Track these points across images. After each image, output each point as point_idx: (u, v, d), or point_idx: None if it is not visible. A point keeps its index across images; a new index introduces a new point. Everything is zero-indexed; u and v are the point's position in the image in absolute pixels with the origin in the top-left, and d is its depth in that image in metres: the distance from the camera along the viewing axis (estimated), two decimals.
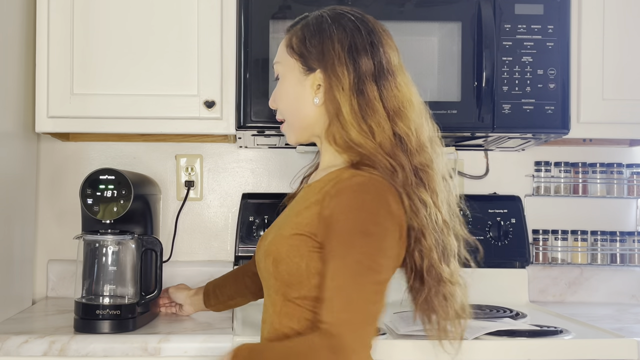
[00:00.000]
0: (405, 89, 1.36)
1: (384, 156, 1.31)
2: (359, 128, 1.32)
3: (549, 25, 1.95)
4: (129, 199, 1.80)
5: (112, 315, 1.75)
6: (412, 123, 1.34)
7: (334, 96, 1.34)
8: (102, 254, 1.81)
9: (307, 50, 1.38)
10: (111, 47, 1.99)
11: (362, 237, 1.24)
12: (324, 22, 1.39)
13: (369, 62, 1.34)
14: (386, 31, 1.41)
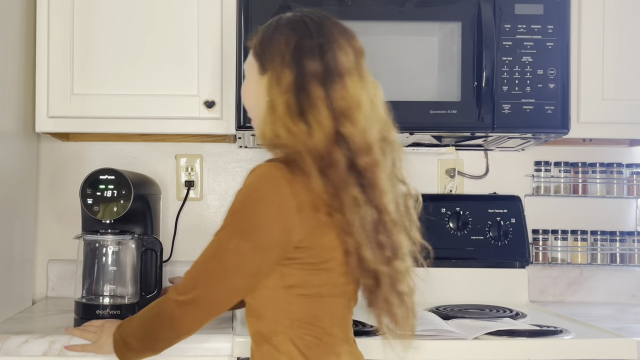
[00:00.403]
0: (354, 91, 1.37)
1: (310, 155, 1.33)
2: (289, 126, 1.35)
3: (549, 25, 1.95)
4: (129, 199, 1.80)
5: (112, 315, 1.75)
6: (358, 124, 1.35)
7: (273, 93, 1.38)
8: (102, 254, 1.81)
9: (262, 51, 1.42)
10: (111, 47, 1.99)
11: (232, 215, 1.35)
12: (279, 24, 1.42)
13: (316, 63, 1.36)
14: (345, 34, 1.42)
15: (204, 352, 1.67)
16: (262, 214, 1.33)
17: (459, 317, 1.89)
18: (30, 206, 2.16)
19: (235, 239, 1.34)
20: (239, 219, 1.35)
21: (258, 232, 1.33)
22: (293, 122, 1.34)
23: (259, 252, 1.34)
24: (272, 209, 1.32)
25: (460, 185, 2.37)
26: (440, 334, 1.70)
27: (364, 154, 1.35)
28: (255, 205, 1.33)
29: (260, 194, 1.33)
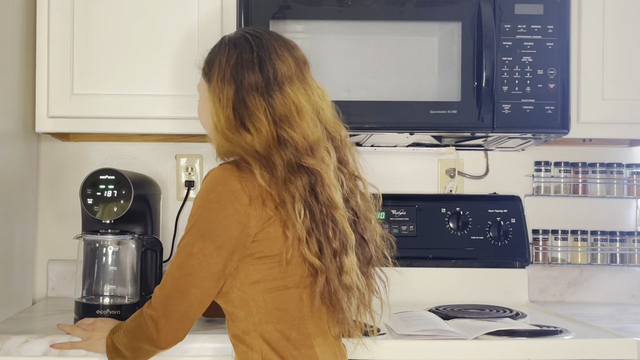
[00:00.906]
0: (294, 97, 1.44)
1: (252, 157, 1.41)
2: (229, 135, 1.43)
3: (549, 25, 1.95)
4: (129, 199, 1.80)
5: (112, 315, 1.75)
6: (298, 128, 1.42)
7: (214, 106, 1.46)
8: (103, 254, 1.81)
9: (208, 69, 1.51)
10: (111, 47, 1.99)
11: (191, 219, 1.41)
12: (222, 43, 1.51)
13: (255, 76, 1.44)
14: (286, 46, 1.49)
15: (204, 352, 1.67)
16: (220, 213, 1.38)
17: (459, 317, 1.89)
18: (30, 206, 2.16)
19: (199, 242, 1.39)
20: (200, 222, 1.40)
21: (219, 232, 1.38)
22: (232, 131, 1.43)
23: (222, 252, 1.39)
24: (228, 206, 1.38)
25: (460, 185, 2.37)
26: (440, 334, 1.70)
27: (307, 154, 1.41)
28: (213, 206, 1.39)
29: (215, 194, 1.39)
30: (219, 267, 1.39)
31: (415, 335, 1.69)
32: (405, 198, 2.28)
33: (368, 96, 1.93)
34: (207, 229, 1.39)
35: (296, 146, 1.41)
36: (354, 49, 1.93)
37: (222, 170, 1.41)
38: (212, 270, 1.39)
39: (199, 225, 1.40)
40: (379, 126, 1.95)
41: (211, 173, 1.42)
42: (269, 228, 1.40)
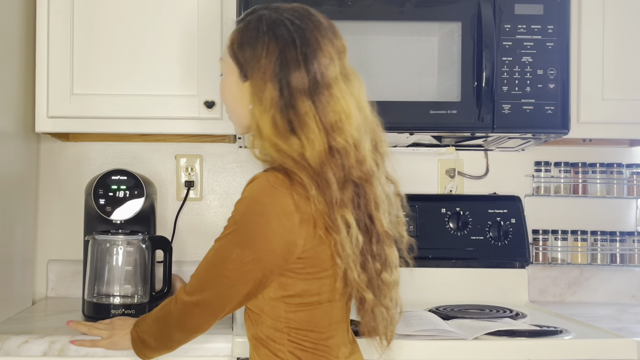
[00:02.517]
0: (343, 102, 1.32)
1: (305, 171, 1.30)
2: (280, 145, 1.31)
3: (548, 25, 1.95)
4: (141, 200, 1.81)
5: (125, 314, 1.75)
6: (349, 137, 1.31)
7: (259, 108, 1.33)
8: (113, 254, 1.81)
9: (243, 58, 1.36)
10: (111, 47, 1.99)
11: (232, 221, 1.33)
12: (260, 28, 1.34)
13: (301, 76, 1.31)
14: (327, 35, 1.36)
15: (204, 352, 1.67)
16: (264, 226, 1.30)
17: (459, 317, 1.89)
18: (30, 206, 2.16)
19: (237, 250, 1.32)
20: (241, 230, 1.32)
21: (260, 245, 1.31)
22: (282, 140, 1.31)
23: (261, 263, 1.32)
24: (275, 222, 1.29)
25: (460, 185, 2.37)
26: (440, 334, 1.70)
27: (357, 167, 1.31)
28: (257, 218, 1.30)
29: (261, 207, 1.30)
30: (256, 277, 1.32)
31: (415, 335, 1.69)
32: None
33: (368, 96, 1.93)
34: (248, 239, 1.31)
35: (347, 158, 1.31)
36: (354, 49, 1.93)
37: (272, 182, 1.30)
38: (249, 278, 1.33)
39: (239, 232, 1.32)
40: None
41: (259, 181, 1.32)
42: (318, 248, 1.32)
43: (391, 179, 1.40)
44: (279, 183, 1.30)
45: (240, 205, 1.33)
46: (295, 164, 1.30)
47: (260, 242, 1.31)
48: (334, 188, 1.29)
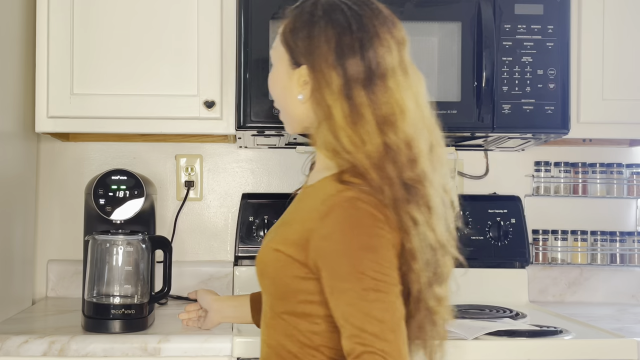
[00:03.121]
0: (397, 95, 1.24)
1: (372, 169, 1.21)
2: (349, 136, 1.22)
3: (548, 25, 1.95)
4: (141, 200, 1.81)
5: (125, 314, 1.75)
6: (402, 133, 1.22)
7: (323, 98, 1.24)
8: (113, 254, 1.81)
9: (295, 44, 1.28)
10: (111, 47, 1.99)
11: (367, 253, 1.17)
12: (315, 13, 1.27)
13: (356, 64, 1.23)
14: (386, 24, 1.27)
15: (204, 352, 1.67)
16: (388, 259, 1.18)
17: (459, 317, 1.89)
18: (30, 206, 2.16)
19: (386, 271, 1.18)
20: (373, 270, 1.17)
21: (393, 279, 1.19)
22: (352, 131, 1.22)
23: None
24: (391, 251, 1.19)
25: (460, 185, 2.37)
26: None
27: (410, 167, 1.22)
28: (388, 249, 1.18)
29: (383, 234, 1.18)
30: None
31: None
32: None
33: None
34: (384, 274, 1.17)
35: (399, 155, 1.21)
36: None
37: (368, 199, 1.19)
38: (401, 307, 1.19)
39: (372, 270, 1.16)
40: None
41: (355, 200, 1.19)
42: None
43: (446, 188, 1.28)
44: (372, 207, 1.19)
45: (345, 235, 1.19)
46: (365, 159, 1.21)
47: (392, 274, 1.19)
48: (396, 184, 1.20)
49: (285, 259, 1.25)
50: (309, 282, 1.24)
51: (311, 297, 1.24)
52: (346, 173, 1.24)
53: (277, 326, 1.30)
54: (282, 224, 1.35)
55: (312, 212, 1.23)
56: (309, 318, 1.25)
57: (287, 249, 1.25)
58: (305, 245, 1.22)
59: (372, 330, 1.14)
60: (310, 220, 1.22)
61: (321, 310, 1.24)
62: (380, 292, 1.16)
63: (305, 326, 1.26)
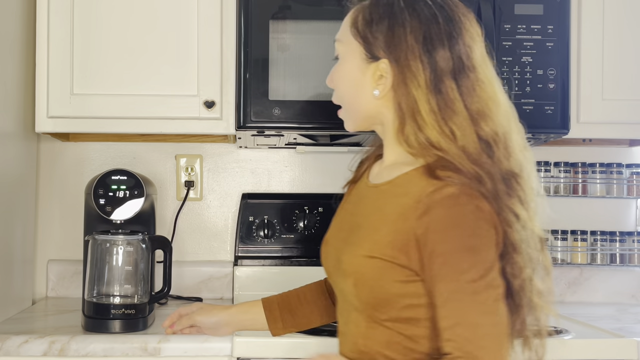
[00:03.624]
0: (489, 87, 1.21)
1: (469, 163, 1.17)
2: (439, 129, 1.19)
3: (548, 25, 1.95)
4: (141, 200, 1.81)
5: (125, 314, 1.75)
6: (498, 126, 1.20)
7: (409, 92, 1.20)
8: (113, 254, 1.81)
9: (373, 36, 1.23)
10: (111, 47, 1.99)
11: (469, 255, 1.14)
12: (395, 4, 1.23)
13: (447, 56, 1.19)
14: (468, 16, 1.24)
15: (204, 352, 1.67)
16: (489, 260, 1.15)
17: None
18: (30, 206, 2.16)
19: (490, 273, 1.15)
20: (472, 272, 1.14)
21: (493, 281, 1.16)
22: (439, 126, 1.18)
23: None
24: (493, 250, 1.16)
25: None
26: None
27: (507, 160, 1.20)
28: (489, 249, 1.16)
29: (485, 234, 1.16)
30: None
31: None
32: None
33: None
34: (488, 276, 1.15)
35: (496, 150, 1.19)
36: None
37: (470, 194, 1.15)
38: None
39: (476, 272, 1.14)
40: None
41: (457, 197, 1.15)
42: None
43: (536, 180, 1.26)
44: (479, 201, 1.16)
45: (457, 230, 1.16)
46: (460, 155, 1.17)
47: (495, 270, 1.17)
48: (496, 178, 1.17)
49: (384, 265, 1.20)
50: (412, 285, 1.20)
51: (416, 301, 1.20)
52: (437, 168, 1.19)
53: (375, 336, 1.24)
54: (357, 227, 1.28)
55: (406, 210, 1.19)
56: (415, 322, 1.21)
57: (384, 254, 1.20)
58: (404, 247, 1.18)
59: (466, 335, 1.12)
60: (405, 220, 1.18)
61: (429, 312, 1.20)
62: (480, 294, 1.13)
63: (411, 331, 1.22)
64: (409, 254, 1.18)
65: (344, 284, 1.27)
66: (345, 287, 1.27)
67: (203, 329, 1.62)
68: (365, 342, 1.25)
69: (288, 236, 2.25)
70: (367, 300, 1.24)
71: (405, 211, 1.19)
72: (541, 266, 1.23)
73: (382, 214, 1.24)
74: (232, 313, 1.60)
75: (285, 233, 2.25)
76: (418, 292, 1.20)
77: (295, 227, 2.25)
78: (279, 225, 2.25)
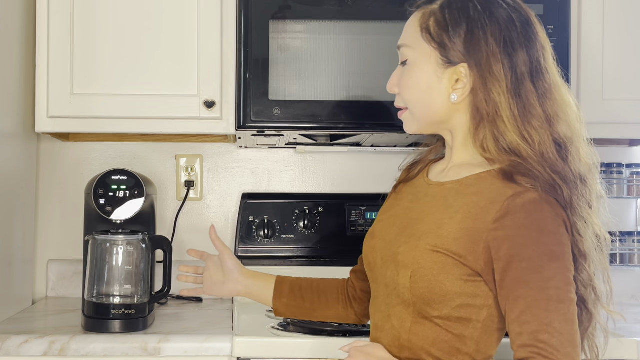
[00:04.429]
0: (563, 89, 1.25)
1: (546, 169, 1.19)
2: (520, 135, 1.20)
3: (549, 25, 1.95)
4: (141, 200, 1.81)
5: (125, 314, 1.75)
6: (571, 129, 1.22)
7: (491, 98, 1.20)
8: (113, 254, 1.81)
9: (451, 41, 1.23)
10: (111, 47, 1.99)
11: (552, 262, 1.14)
12: (471, 8, 1.22)
13: (526, 59, 1.21)
14: (537, 19, 1.26)
15: (204, 352, 1.67)
16: (570, 269, 1.17)
17: None
18: (30, 206, 2.16)
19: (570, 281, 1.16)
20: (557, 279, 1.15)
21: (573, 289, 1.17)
22: (519, 131, 1.20)
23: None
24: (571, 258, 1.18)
25: None
26: None
27: (577, 162, 1.22)
28: (570, 257, 1.17)
29: (566, 242, 1.17)
30: None
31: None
32: None
33: (368, 96, 1.93)
34: (568, 284, 1.15)
35: (570, 154, 1.21)
36: (354, 49, 1.93)
37: (550, 202, 1.16)
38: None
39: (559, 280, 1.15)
40: (379, 126, 1.94)
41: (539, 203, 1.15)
42: None
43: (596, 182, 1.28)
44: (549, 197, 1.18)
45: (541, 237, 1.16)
46: (537, 160, 1.19)
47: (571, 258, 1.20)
48: (571, 184, 1.19)
49: (446, 260, 1.20)
50: (471, 285, 1.20)
51: (472, 301, 1.21)
52: (514, 173, 1.19)
53: (422, 332, 1.24)
54: (415, 222, 1.28)
55: (478, 210, 1.19)
56: (467, 322, 1.22)
57: (448, 250, 1.20)
58: (472, 247, 1.18)
59: (551, 342, 1.12)
60: (477, 220, 1.19)
61: (481, 314, 1.21)
62: (563, 302, 1.14)
63: (460, 330, 1.22)
64: (476, 254, 1.18)
65: (397, 276, 1.25)
66: (398, 279, 1.25)
67: (211, 279, 1.58)
68: (410, 338, 1.25)
69: (288, 236, 2.25)
70: (421, 294, 1.22)
71: (477, 211, 1.19)
72: (601, 269, 1.24)
73: (449, 210, 1.23)
74: (247, 273, 1.57)
75: (285, 233, 2.25)
76: (475, 292, 1.20)
77: (295, 227, 2.25)
78: (279, 225, 2.25)
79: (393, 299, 1.27)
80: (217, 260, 1.59)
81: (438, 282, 1.20)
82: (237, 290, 1.57)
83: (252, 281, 1.56)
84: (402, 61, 1.31)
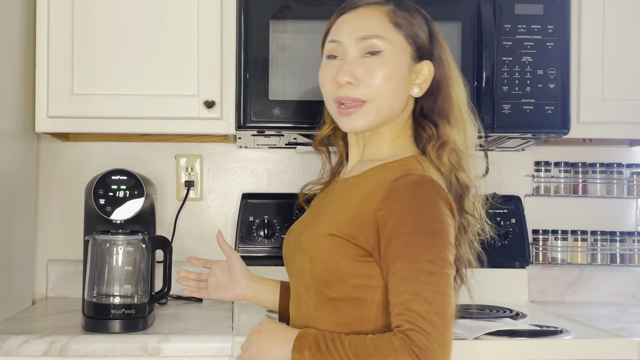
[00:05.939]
0: (463, 91, 1.41)
1: (449, 157, 1.34)
2: (461, 130, 1.37)
3: (549, 25, 1.95)
4: (141, 200, 1.81)
5: (125, 314, 1.75)
6: (462, 125, 1.38)
7: (446, 94, 1.36)
8: (113, 254, 1.81)
9: (420, 39, 1.35)
10: (111, 47, 1.99)
11: (428, 237, 1.21)
12: (418, 10, 1.38)
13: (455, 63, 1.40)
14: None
15: (204, 352, 1.67)
16: (449, 240, 1.25)
17: (459, 317, 1.89)
18: (30, 206, 2.16)
19: (445, 256, 1.23)
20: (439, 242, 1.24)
21: (448, 264, 1.24)
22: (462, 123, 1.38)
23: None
24: (451, 234, 1.26)
25: None
26: None
27: (467, 156, 1.38)
28: (448, 234, 1.24)
29: (445, 219, 1.24)
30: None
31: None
32: None
33: None
34: (443, 259, 1.22)
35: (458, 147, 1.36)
36: None
37: (432, 182, 1.25)
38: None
39: (433, 254, 1.21)
40: None
41: (420, 183, 1.24)
42: None
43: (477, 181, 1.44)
44: (432, 178, 1.30)
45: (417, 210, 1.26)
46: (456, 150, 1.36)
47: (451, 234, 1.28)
48: (456, 181, 1.35)
49: (340, 242, 1.27)
50: (365, 265, 1.26)
51: (366, 282, 1.27)
52: (410, 162, 1.31)
53: (324, 316, 1.30)
54: (321, 213, 1.36)
55: (368, 195, 1.27)
56: (362, 303, 1.27)
57: (342, 232, 1.27)
58: (363, 227, 1.26)
59: (418, 310, 1.18)
60: (367, 203, 1.26)
61: (376, 295, 1.27)
62: (435, 275, 1.20)
63: (357, 312, 1.28)
64: (367, 234, 1.25)
65: (300, 261, 1.33)
66: (301, 265, 1.33)
67: (217, 283, 1.61)
68: (315, 323, 1.31)
69: None
70: (319, 276, 1.30)
71: (367, 195, 1.28)
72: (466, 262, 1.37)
73: (347, 199, 1.32)
74: (254, 278, 1.61)
75: (285, 233, 2.24)
76: (369, 273, 1.27)
77: None
78: (279, 225, 2.25)
79: (301, 287, 1.35)
80: (224, 264, 1.63)
81: (334, 263, 1.27)
82: (243, 294, 1.61)
83: (259, 285, 1.61)
84: (369, 51, 1.32)
